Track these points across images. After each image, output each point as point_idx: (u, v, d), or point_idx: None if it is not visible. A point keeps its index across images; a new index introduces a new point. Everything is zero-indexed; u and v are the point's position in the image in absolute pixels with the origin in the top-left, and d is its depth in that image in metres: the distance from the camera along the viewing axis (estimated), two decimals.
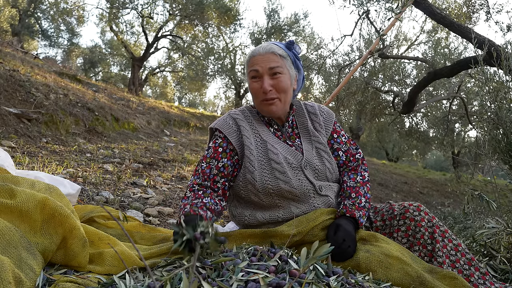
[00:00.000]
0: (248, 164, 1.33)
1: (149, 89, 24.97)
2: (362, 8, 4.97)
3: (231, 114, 1.44)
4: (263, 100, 1.35)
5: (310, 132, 1.44)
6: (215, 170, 1.35)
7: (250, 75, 1.37)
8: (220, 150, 1.37)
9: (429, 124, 9.92)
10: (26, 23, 15.80)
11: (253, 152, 1.34)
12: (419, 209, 1.29)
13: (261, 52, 1.35)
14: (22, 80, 5.25)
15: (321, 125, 1.47)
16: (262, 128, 1.41)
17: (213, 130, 1.44)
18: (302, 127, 1.46)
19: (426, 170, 15.74)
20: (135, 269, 1.06)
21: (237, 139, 1.37)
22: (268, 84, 1.32)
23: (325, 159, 1.39)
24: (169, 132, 8.22)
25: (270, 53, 1.34)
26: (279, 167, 1.30)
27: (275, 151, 1.34)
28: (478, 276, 1.21)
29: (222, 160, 1.35)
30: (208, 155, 1.38)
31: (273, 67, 1.32)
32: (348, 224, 1.24)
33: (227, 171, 1.36)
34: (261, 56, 1.34)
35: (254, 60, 1.36)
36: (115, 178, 2.93)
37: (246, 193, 1.36)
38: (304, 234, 1.22)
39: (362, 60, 3.04)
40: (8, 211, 0.98)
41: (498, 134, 1.99)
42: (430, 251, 1.23)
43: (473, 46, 2.51)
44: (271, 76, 1.33)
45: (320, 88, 9.34)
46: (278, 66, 1.33)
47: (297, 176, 1.32)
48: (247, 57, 1.43)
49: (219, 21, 13.39)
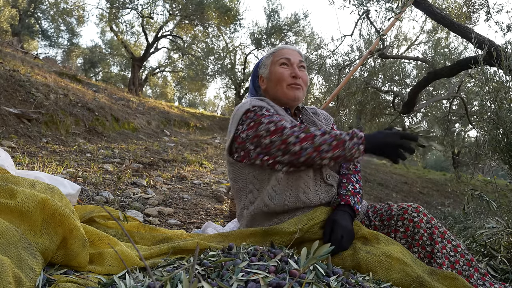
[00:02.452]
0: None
1: (149, 89, 24.98)
2: (362, 8, 4.97)
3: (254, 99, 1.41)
4: (292, 84, 1.44)
5: (318, 125, 1.52)
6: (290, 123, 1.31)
7: (280, 62, 1.46)
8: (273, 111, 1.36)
9: (429, 124, 9.92)
10: (26, 23, 15.80)
11: None
12: (417, 210, 1.29)
13: (290, 47, 1.51)
14: (22, 80, 5.25)
15: (322, 122, 1.56)
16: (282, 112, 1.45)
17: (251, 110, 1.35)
18: (309, 123, 1.53)
19: (426, 170, 15.73)
20: (135, 269, 1.06)
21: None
22: (299, 72, 1.45)
23: None
24: (169, 132, 8.22)
25: (297, 52, 1.51)
26: None
27: None
28: (478, 277, 1.21)
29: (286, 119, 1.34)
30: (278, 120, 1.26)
31: (301, 61, 1.48)
32: (343, 216, 1.25)
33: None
34: (292, 50, 1.50)
35: (284, 51, 1.49)
36: (115, 178, 2.93)
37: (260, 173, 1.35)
38: (304, 232, 1.23)
39: (362, 60, 3.04)
40: (8, 211, 0.98)
41: (498, 134, 1.99)
42: (429, 252, 1.23)
43: (473, 46, 2.51)
44: (299, 68, 1.47)
45: (320, 88, 9.33)
46: (303, 63, 1.49)
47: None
48: (272, 50, 1.54)
49: (219, 21, 13.39)
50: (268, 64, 1.50)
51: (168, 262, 1.05)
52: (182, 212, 2.46)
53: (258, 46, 14.58)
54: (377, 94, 7.55)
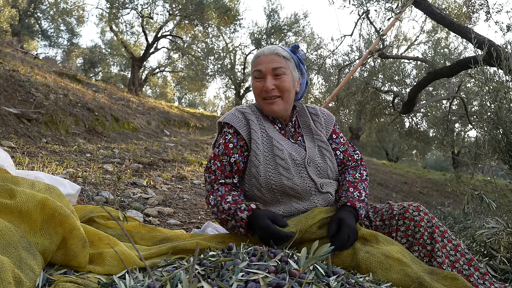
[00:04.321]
0: (254, 158, 1.35)
1: (149, 89, 24.99)
2: (362, 8, 4.97)
3: (239, 108, 1.45)
4: (264, 99, 1.39)
5: (312, 131, 1.47)
6: (228, 167, 1.36)
7: (254, 75, 1.41)
8: (231, 146, 1.37)
9: (429, 124, 9.93)
10: (26, 23, 15.80)
11: (259, 146, 1.36)
12: (418, 209, 1.29)
13: (265, 52, 1.40)
14: (22, 80, 5.25)
15: (322, 125, 1.50)
16: (268, 124, 1.44)
17: (222, 125, 1.44)
18: (305, 126, 1.49)
19: (426, 170, 15.73)
20: (135, 269, 1.06)
21: (247, 133, 1.39)
22: (271, 84, 1.36)
23: (327, 157, 1.42)
24: (169, 132, 8.22)
25: (274, 54, 1.38)
26: (284, 163, 1.32)
27: (280, 147, 1.36)
28: (478, 276, 1.21)
29: (234, 156, 1.36)
30: (219, 153, 1.37)
31: (276, 68, 1.36)
32: (349, 216, 1.25)
33: (239, 167, 1.37)
34: (265, 57, 1.39)
35: (258, 60, 1.40)
36: (115, 178, 2.93)
37: (249, 187, 1.38)
38: (303, 232, 1.23)
39: (362, 60, 3.04)
40: (8, 211, 0.98)
41: (498, 134, 1.99)
42: (430, 251, 1.23)
43: (473, 46, 2.51)
44: (274, 77, 1.37)
45: (320, 88, 9.34)
46: (281, 67, 1.37)
47: (299, 174, 1.34)
48: (252, 57, 1.47)
49: (219, 21, 13.39)
50: (251, 76, 1.47)
51: (168, 262, 1.05)
52: (182, 212, 2.46)
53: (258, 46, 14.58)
54: (377, 94, 7.55)
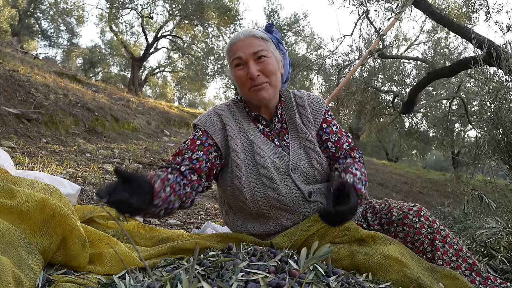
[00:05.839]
0: (235, 168, 1.22)
1: (149, 89, 24.98)
2: (362, 8, 4.98)
3: (216, 109, 1.32)
4: (252, 87, 1.23)
5: (298, 128, 1.32)
6: (187, 161, 1.19)
7: (234, 64, 1.25)
8: (198, 142, 1.23)
9: (429, 124, 9.93)
10: (26, 23, 15.79)
11: (239, 155, 1.23)
12: (418, 214, 1.22)
13: (241, 37, 1.24)
14: (22, 80, 5.25)
15: (309, 118, 1.34)
16: (249, 126, 1.30)
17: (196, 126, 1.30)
18: (290, 121, 1.34)
19: (426, 170, 15.74)
20: (135, 269, 1.06)
21: (222, 139, 1.26)
22: (255, 69, 1.20)
23: (314, 159, 1.28)
24: (169, 132, 8.22)
25: (251, 37, 1.24)
26: (266, 172, 1.20)
27: (261, 154, 1.23)
28: (480, 281, 1.19)
29: (197, 153, 1.21)
30: (183, 147, 1.23)
31: (257, 51, 1.22)
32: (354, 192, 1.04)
33: (200, 165, 1.20)
34: (242, 42, 1.23)
35: (235, 47, 1.24)
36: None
37: (234, 200, 1.25)
38: (298, 246, 1.18)
39: (362, 60, 3.04)
40: (8, 212, 0.98)
41: (498, 134, 1.99)
42: (430, 259, 1.20)
43: (473, 46, 2.51)
44: (257, 61, 1.22)
45: (320, 88, 9.35)
46: (262, 50, 1.22)
47: (284, 182, 1.21)
48: (227, 46, 1.30)
49: (219, 21, 13.38)
50: (229, 66, 1.30)
51: (168, 262, 1.05)
52: (182, 212, 2.46)
53: None
54: (376, 94, 7.56)
